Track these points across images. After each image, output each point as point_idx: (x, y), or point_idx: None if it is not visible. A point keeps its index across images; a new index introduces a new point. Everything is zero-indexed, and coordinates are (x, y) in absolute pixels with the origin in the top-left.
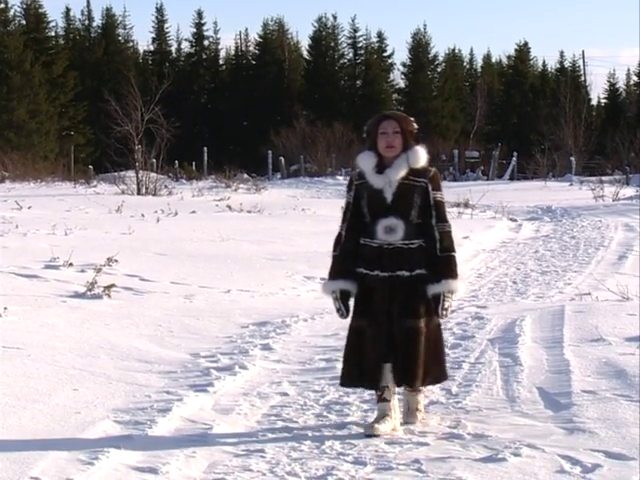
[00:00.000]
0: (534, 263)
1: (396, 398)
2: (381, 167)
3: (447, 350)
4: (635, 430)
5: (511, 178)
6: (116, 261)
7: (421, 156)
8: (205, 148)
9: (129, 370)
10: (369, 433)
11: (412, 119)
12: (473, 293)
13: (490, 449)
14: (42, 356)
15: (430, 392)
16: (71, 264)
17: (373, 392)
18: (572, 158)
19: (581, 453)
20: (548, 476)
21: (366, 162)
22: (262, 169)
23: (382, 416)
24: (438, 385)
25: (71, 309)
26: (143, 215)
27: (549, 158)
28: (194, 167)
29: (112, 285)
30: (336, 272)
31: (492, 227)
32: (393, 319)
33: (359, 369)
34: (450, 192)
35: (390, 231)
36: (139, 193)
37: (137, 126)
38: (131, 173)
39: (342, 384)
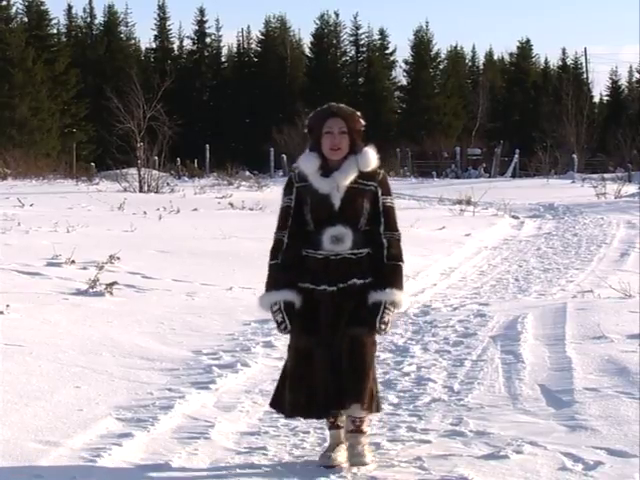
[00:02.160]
0: (536, 260)
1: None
2: (326, 170)
3: (448, 347)
4: (637, 427)
5: (513, 175)
6: (118, 258)
7: (371, 159)
8: (207, 145)
9: (131, 367)
10: (326, 464)
11: (359, 114)
12: (475, 290)
13: (492, 446)
14: (44, 353)
15: (432, 389)
16: (73, 261)
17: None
18: (574, 155)
19: (583, 450)
20: (550, 473)
21: (309, 165)
22: (264, 166)
23: (336, 444)
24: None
25: (73, 306)
26: (145, 212)
27: (551, 155)
28: (196, 164)
29: (114, 282)
30: (278, 282)
31: (494, 224)
32: (339, 330)
33: (308, 397)
34: (452, 189)
35: (337, 241)
36: (141, 190)
37: (139, 123)
38: (133, 170)
39: (289, 415)
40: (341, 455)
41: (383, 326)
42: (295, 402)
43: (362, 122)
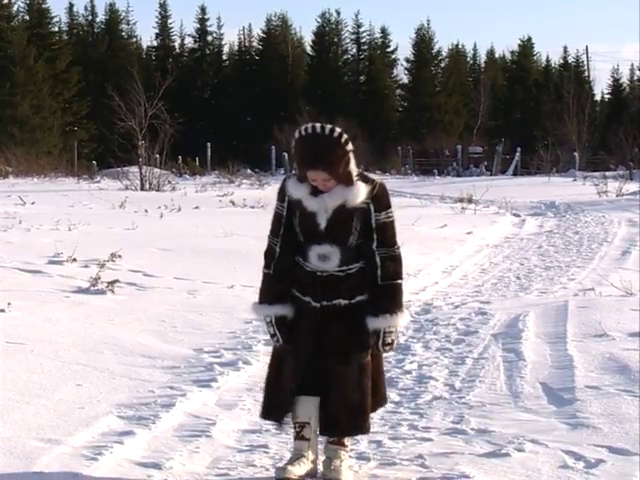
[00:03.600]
0: (537, 258)
1: (316, 437)
2: (316, 191)
3: (450, 345)
4: (638, 425)
5: (514, 173)
6: (119, 256)
7: (360, 195)
8: (208, 143)
9: (133, 365)
10: (279, 476)
11: (343, 140)
12: (477, 289)
13: (493, 444)
14: (45, 351)
15: (433, 387)
16: (74, 259)
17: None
18: (575, 153)
19: (584, 448)
20: (551, 471)
21: (298, 192)
22: (265, 165)
23: (297, 457)
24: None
25: (74, 304)
26: (146, 210)
27: (552, 153)
28: (197, 162)
29: (116, 280)
30: (271, 294)
31: (495, 222)
32: (327, 353)
33: (274, 401)
34: (453, 188)
35: (324, 259)
36: (142, 189)
37: (140, 121)
38: (134, 169)
39: (261, 415)
40: (300, 468)
41: (387, 347)
42: (263, 404)
43: (348, 149)
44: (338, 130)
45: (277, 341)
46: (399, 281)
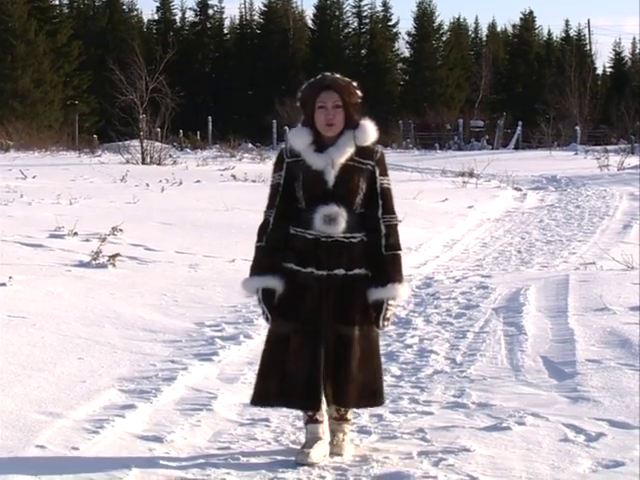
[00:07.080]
0: (539, 232)
1: (326, 418)
2: (320, 145)
3: (451, 319)
4: (638, 399)
5: (516, 147)
6: (121, 230)
7: (371, 133)
8: (210, 117)
9: (134, 339)
10: (302, 462)
11: (355, 85)
12: (478, 262)
13: (494, 418)
14: (47, 325)
15: (435, 361)
16: (76, 233)
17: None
18: (577, 127)
19: (585, 422)
20: (552, 445)
21: (299, 140)
22: (266, 138)
23: (315, 440)
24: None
25: (76, 278)
26: (148, 184)
27: (554, 127)
28: (199, 136)
29: (117, 254)
30: (261, 266)
31: (497, 196)
32: (322, 320)
33: (279, 385)
34: (455, 161)
35: (331, 221)
36: (144, 162)
37: (142, 95)
38: (136, 142)
39: (253, 402)
40: (319, 452)
41: (386, 322)
42: (265, 389)
43: (359, 94)
44: None
45: (267, 319)
46: (400, 252)
